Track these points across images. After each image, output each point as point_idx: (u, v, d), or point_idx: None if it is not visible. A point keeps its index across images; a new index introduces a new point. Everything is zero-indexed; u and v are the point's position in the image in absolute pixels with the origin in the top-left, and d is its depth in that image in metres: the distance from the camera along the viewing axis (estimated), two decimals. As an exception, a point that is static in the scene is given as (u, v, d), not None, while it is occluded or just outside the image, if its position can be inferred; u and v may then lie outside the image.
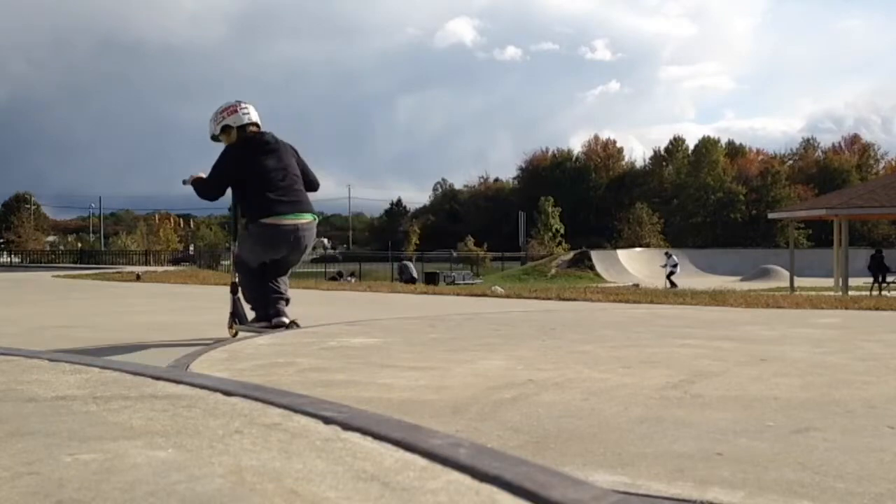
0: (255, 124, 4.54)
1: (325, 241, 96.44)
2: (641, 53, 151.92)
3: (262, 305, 4.45)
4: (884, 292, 17.62)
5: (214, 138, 4.56)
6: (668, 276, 26.94)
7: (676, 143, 78.63)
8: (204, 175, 4.48)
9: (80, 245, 66.35)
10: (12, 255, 54.15)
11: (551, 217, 55.93)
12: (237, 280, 4.62)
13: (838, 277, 20.99)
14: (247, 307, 4.63)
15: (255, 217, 4.33)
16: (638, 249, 42.10)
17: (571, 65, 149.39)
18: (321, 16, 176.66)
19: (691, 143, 78.35)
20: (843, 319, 5.77)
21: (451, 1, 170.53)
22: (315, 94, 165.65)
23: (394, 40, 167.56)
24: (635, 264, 34.76)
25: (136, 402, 2.07)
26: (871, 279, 20.81)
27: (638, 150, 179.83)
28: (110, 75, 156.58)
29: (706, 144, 76.06)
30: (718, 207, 71.20)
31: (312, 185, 4.74)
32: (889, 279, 20.71)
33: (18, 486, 1.28)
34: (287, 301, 4.49)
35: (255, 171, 4.31)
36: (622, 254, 37.57)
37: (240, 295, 4.60)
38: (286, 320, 4.35)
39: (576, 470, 1.64)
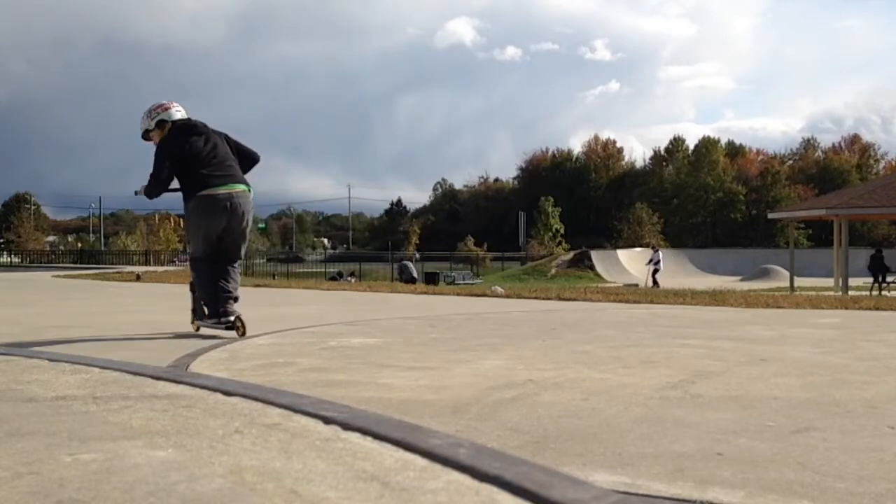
0: (184, 120, 4.86)
1: (326, 241, 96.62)
2: (641, 53, 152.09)
3: (212, 304, 4.70)
4: (884, 292, 17.61)
5: (146, 135, 4.85)
6: (653, 275, 26.91)
7: (676, 143, 78.62)
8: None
9: (80, 245, 66.38)
10: (12, 255, 54.17)
11: (551, 217, 55.93)
12: (193, 279, 4.95)
13: (838, 277, 20.98)
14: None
15: (192, 192, 4.64)
16: (638, 249, 42.01)
17: (571, 65, 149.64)
18: (321, 16, 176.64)
19: (691, 143, 78.46)
20: (843, 319, 5.77)
21: (451, 1, 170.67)
22: (315, 94, 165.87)
23: (394, 40, 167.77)
24: (635, 264, 34.70)
25: (136, 402, 2.07)
26: (871, 279, 20.80)
27: (638, 150, 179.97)
28: (110, 75, 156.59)
29: (706, 144, 76.05)
30: (718, 207, 71.19)
31: (253, 157, 5.02)
32: (889, 279, 20.68)
33: (18, 486, 1.28)
34: (235, 299, 4.74)
35: (189, 151, 4.64)
36: (622, 254, 37.52)
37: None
38: (232, 318, 4.59)
39: (576, 470, 1.64)
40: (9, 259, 52.67)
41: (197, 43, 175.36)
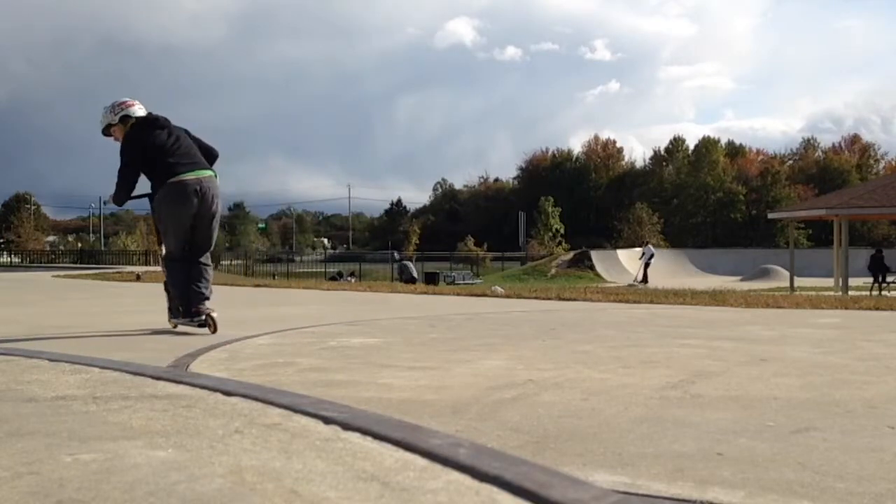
0: (146, 116, 4.98)
1: (326, 241, 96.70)
2: (641, 53, 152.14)
3: (185, 304, 4.87)
4: (884, 292, 17.61)
5: (107, 130, 4.95)
6: (645, 268, 27.00)
7: (676, 143, 78.60)
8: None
9: (80, 245, 66.34)
10: (12, 255, 54.19)
11: (551, 217, 55.95)
12: (166, 279, 5.10)
13: (838, 277, 20.98)
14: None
15: (161, 182, 4.75)
16: (638, 249, 42.05)
17: (571, 65, 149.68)
18: (321, 16, 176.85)
19: (691, 143, 78.43)
20: (843, 319, 5.77)
21: (451, 1, 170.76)
22: (315, 94, 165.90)
23: (394, 40, 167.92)
24: (635, 264, 34.72)
25: (136, 402, 2.07)
26: (871, 279, 20.80)
27: (638, 150, 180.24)
28: (110, 75, 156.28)
29: (706, 144, 76.03)
30: (718, 207, 71.18)
31: (212, 152, 5.13)
32: (889, 279, 20.69)
33: (18, 486, 1.28)
34: (207, 298, 4.89)
35: (154, 144, 4.77)
36: (622, 254, 37.51)
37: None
38: (203, 317, 4.75)
39: (576, 470, 1.64)
40: (9, 259, 52.69)
41: (197, 43, 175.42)
